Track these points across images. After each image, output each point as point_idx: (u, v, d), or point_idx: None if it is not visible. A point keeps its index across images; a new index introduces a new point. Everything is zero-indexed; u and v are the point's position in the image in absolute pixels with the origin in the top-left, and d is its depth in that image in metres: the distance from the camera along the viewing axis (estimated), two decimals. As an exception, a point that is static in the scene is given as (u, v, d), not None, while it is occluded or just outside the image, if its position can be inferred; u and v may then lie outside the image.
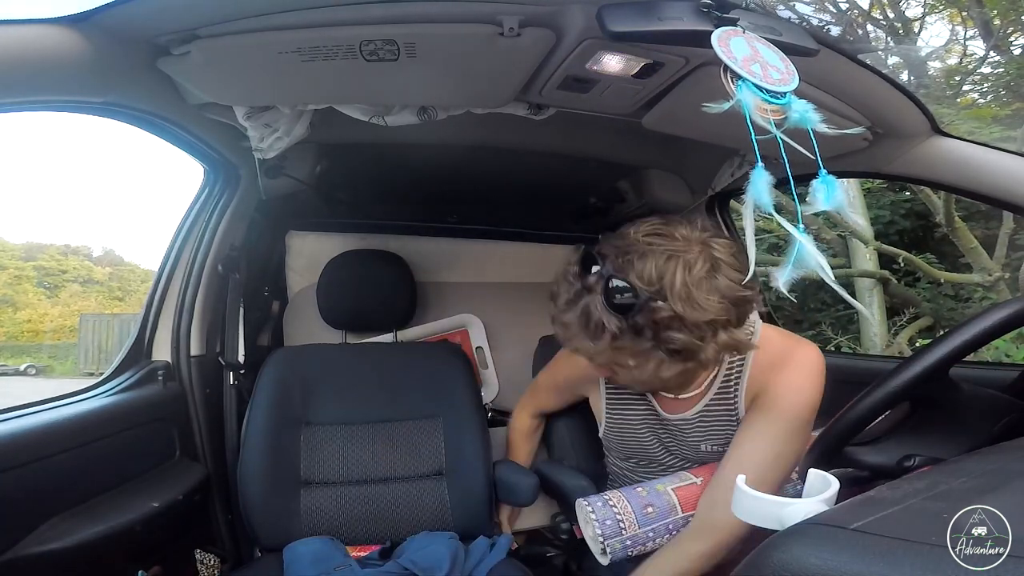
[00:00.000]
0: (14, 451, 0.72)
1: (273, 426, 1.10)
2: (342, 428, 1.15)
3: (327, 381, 1.18)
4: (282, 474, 1.08)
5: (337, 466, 1.12)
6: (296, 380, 1.15)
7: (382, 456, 1.15)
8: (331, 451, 1.13)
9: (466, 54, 0.72)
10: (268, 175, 1.10)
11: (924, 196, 3.96)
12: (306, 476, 1.10)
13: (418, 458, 1.16)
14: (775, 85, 0.55)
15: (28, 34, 0.57)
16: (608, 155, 1.23)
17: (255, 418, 1.10)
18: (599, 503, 0.85)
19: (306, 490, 1.09)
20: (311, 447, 1.12)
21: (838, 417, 0.61)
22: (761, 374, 0.83)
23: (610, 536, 0.82)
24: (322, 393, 1.17)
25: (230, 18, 0.66)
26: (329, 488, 1.10)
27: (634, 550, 0.84)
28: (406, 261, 1.37)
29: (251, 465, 1.06)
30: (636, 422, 0.95)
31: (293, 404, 1.14)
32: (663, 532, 0.84)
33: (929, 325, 4.29)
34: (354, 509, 1.10)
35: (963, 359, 0.57)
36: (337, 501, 1.10)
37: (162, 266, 1.13)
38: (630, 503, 0.85)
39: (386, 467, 1.14)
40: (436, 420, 1.19)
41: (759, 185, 0.54)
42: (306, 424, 1.14)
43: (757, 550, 0.38)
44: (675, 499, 0.85)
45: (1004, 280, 3.63)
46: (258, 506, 1.05)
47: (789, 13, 4.06)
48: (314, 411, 1.15)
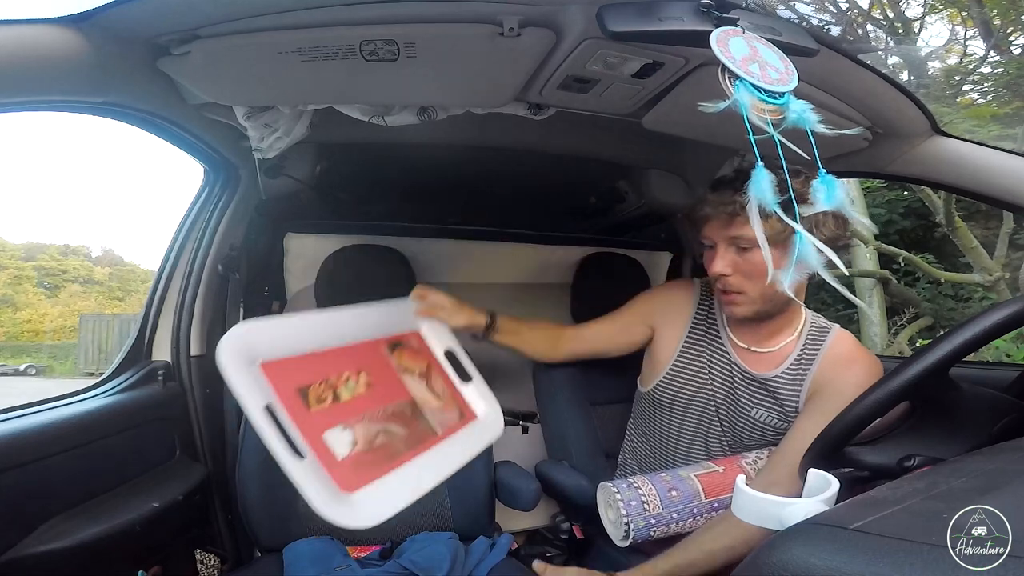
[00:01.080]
0: (14, 451, 0.72)
1: None
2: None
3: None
4: (281, 475, 1.07)
5: None
6: None
7: None
8: None
9: (466, 54, 0.72)
10: (268, 175, 1.10)
11: (924, 196, 3.97)
12: None
13: None
14: (773, 85, 0.55)
15: (28, 34, 0.57)
16: (608, 155, 1.23)
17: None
18: (624, 485, 0.88)
19: None
20: None
21: (838, 417, 0.61)
22: (831, 367, 0.89)
23: (635, 515, 0.84)
24: None
25: (230, 18, 0.66)
26: None
27: (657, 530, 0.85)
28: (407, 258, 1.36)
29: (249, 465, 1.05)
30: (704, 370, 0.97)
31: None
32: (687, 515, 0.86)
33: (929, 325, 4.30)
34: None
35: (963, 359, 0.57)
36: None
37: (162, 266, 1.13)
38: (655, 486, 0.87)
39: None
40: None
41: (761, 184, 0.54)
42: None
43: (757, 550, 0.38)
44: (699, 484, 0.87)
45: (1004, 280, 3.63)
46: (257, 506, 1.04)
47: (789, 13, 4.06)
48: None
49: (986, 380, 0.69)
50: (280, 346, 0.73)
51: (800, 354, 0.91)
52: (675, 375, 1.00)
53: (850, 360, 0.89)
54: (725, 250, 0.86)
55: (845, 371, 0.87)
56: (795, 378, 0.91)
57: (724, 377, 0.96)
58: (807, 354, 0.91)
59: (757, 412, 0.93)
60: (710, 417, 0.97)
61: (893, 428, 0.64)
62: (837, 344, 0.91)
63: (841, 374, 0.87)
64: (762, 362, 0.93)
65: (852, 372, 0.86)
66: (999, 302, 0.73)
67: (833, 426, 0.61)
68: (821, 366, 0.89)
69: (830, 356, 0.90)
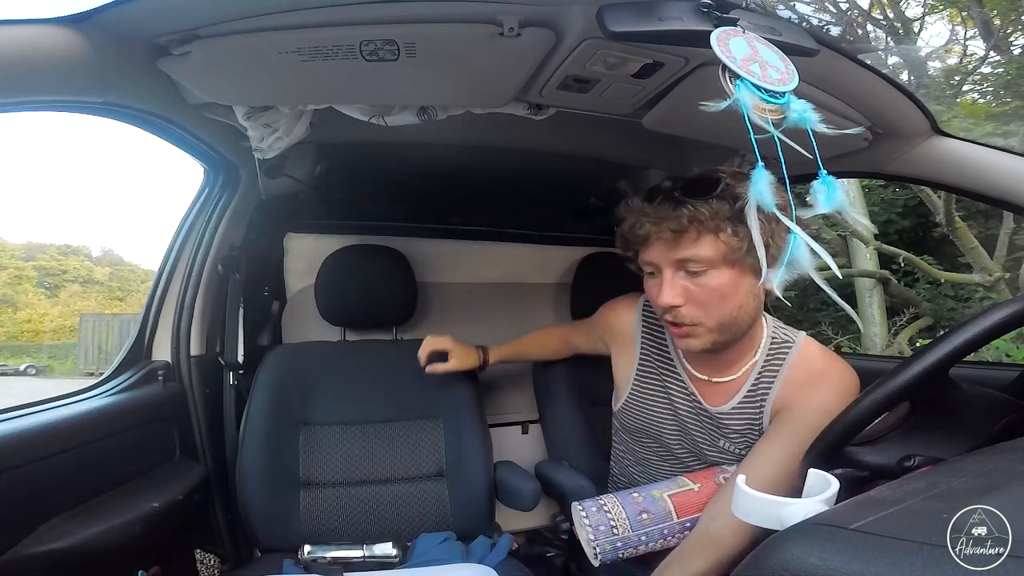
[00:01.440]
0: (14, 451, 0.72)
1: (271, 426, 1.09)
2: (341, 428, 1.14)
3: (326, 380, 1.17)
4: (281, 475, 1.08)
5: (337, 467, 1.11)
6: (294, 379, 1.14)
7: (382, 457, 1.14)
8: (330, 452, 1.12)
9: (466, 54, 0.72)
10: (268, 175, 1.10)
11: (924, 196, 3.97)
12: (305, 477, 1.10)
13: (418, 459, 1.15)
14: (774, 85, 0.55)
15: (28, 34, 0.57)
16: (608, 155, 1.23)
17: (253, 419, 1.09)
18: (593, 508, 0.85)
19: (305, 491, 1.09)
20: (310, 447, 1.11)
21: (838, 417, 0.61)
22: (793, 389, 0.82)
23: (602, 539, 0.82)
24: (321, 392, 1.16)
25: (230, 18, 0.66)
26: (329, 489, 1.10)
27: (625, 552, 0.84)
28: (406, 258, 1.36)
29: (249, 466, 1.06)
30: (664, 400, 0.92)
31: (291, 404, 1.13)
32: (656, 537, 0.84)
33: (929, 325, 4.30)
34: (354, 510, 1.09)
35: (963, 359, 0.57)
36: (337, 502, 1.09)
37: (162, 266, 1.13)
38: (624, 508, 0.85)
39: (386, 468, 1.13)
40: (436, 421, 1.18)
41: (761, 185, 0.54)
42: (304, 424, 1.13)
43: (757, 550, 0.38)
44: (671, 505, 0.85)
45: (1004, 280, 3.63)
46: (257, 507, 1.04)
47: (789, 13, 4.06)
48: (313, 411, 1.14)
49: (986, 380, 0.69)
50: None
51: (758, 378, 0.85)
52: (635, 402, 0.96)
53: (814, 378, 0.81)
54: (673, 276, 0.76)
55: (809, 392, 0.80)
56: (754, 407, 0.85)
57: (687, 407, 0.91)
58: (766, 376, 0.84)
59: (725, 443, 0.88)
60: (680, 442, 0.93)
61: (893, 428, 0.64)
62: (800, 361, 0.83)
63: (805, 395, 0.80)
64: (720, 394, 0.87)
65: (817, 393, 0.79)
66: (999, 302, 0.73)
67: (833, 426, 0.61)
68: (783, 388, 0.82)
69: (792, 377, 0.82)
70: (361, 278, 1.27)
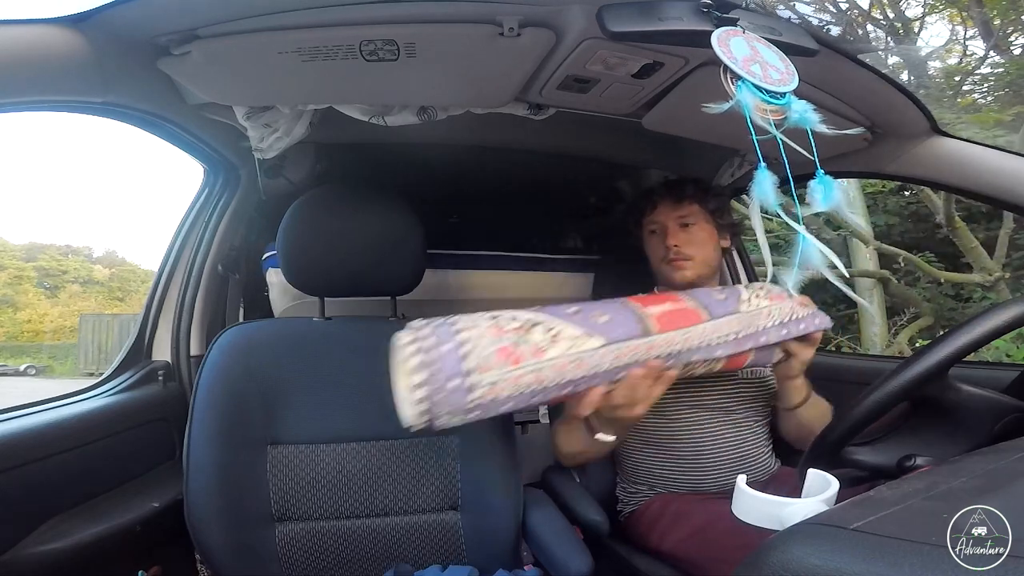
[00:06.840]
0: (14, 451, 0.72)
1: (224, 447, 0.82)
2: (322, 448, 0.87)
3: (297, 379, 0.88)
4: (247, 510, 0.83)
5: (319, 497, 0.85)
6: (252, 380, 0.86)
7: (378, 484, 0.87)
8: (308, 477, 0.85)
9: (466, 54, 0.72)
10: (268, 175, 1.10)
11: (924, 196, 3.97)
12: (279, 511, 0.84)
13: (425, 487, 0.88)
14: (775, 85, 0.56)
15: (28, 34, 0.57)
16: (608, 155, 1.23)
17: (197, 438, 0.82)
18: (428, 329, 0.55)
19: (282, 527, 0.85)
20: (281, 473, 0.85)
21: (838, 417, 0.61)
22: None
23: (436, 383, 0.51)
24: (291, 398, 0.87)
25: (230, 18, 0.66)
26: (310, 524, 0.86)
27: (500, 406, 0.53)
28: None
29: (200, 500, 0.80)
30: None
31: (250, 415, 0.85)
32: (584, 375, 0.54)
33: (929, 325, 4.29)
34: (344, 549, 0.86)
35: (963, 359, 0.57)
36: (322, 540, 0.85)
37: (162, 266, 1.13)
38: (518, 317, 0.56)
39: (383, 499, 0.87)
40: (450, 437, 0.90)
41: (764, 185, 0.54)
42: (272, 444, 0.85)
43: (757, 550, 0.38)
44: (645, 315, 0.61)
45: (1004, 280, 3.63)
46: (220, 551, 0.80)
47: (789, 13, 4.06)
48: (281, 425, 0.86)
49: (986, 380, 0.69)
50: None
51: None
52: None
53: None
54: (674, 227, 1.02)
55: None
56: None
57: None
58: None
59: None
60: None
61: (893, 428, 0.64)
62: None
63: None
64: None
65: None
66: (999, 302, 0.73)
67: (833, 426, 0.61)
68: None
69: None
70: (348, 225, 0.91)
